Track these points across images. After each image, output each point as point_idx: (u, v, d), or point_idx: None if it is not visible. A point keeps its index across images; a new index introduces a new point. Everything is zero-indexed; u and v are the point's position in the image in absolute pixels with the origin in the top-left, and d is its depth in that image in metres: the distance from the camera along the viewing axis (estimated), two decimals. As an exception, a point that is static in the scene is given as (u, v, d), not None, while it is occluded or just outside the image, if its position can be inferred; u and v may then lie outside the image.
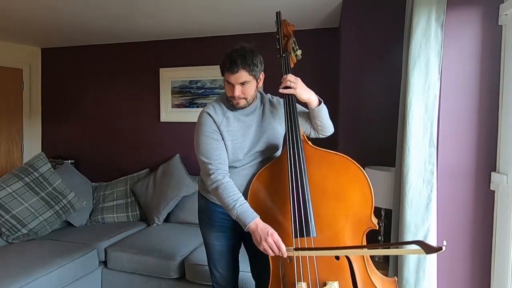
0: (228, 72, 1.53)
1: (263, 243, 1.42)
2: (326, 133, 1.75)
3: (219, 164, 1.58)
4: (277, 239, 1.42)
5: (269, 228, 1.44)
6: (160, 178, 3.31)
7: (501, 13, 1.67)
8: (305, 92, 1.54)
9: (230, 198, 1.50)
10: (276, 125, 1.71)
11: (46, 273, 2.33)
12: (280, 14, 1.69)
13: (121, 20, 2.97)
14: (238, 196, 1.52)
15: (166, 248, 2.64)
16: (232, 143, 1.63)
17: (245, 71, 1.53)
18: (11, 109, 3.84)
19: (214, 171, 1.56)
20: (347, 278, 1.44)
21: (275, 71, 1.65)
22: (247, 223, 1.46)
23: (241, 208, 1.48)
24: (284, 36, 1.65)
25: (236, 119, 1.65)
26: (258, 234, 1.43)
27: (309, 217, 1.43)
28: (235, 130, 1.64)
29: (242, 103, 1.60)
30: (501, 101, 1.70)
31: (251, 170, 1.68)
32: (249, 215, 1.47)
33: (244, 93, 1.56)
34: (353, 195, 1.45)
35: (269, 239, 1.41)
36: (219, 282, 1.85)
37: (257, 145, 1.67)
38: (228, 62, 1.52)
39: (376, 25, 2.36)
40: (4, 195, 2.74)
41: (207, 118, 1.63)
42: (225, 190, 1.52)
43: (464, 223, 1.77)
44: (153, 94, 3.66)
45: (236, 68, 1.51)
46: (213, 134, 1.61)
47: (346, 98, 2.47)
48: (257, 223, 1.46)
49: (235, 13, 2.77)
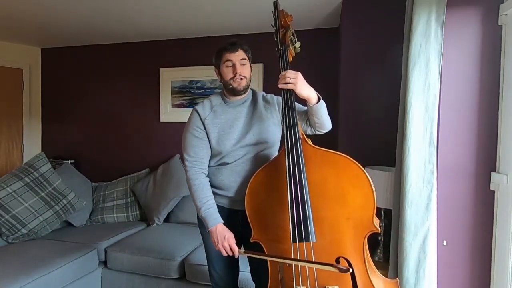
0: (228, 52, 1.66)
1: (219, 245, 1.61)
2: (323, 130, 1.72)
3: (195, 162, 1.68)
4: (232, 243, 1.61)
5: (227, 233, 1.62)
6: (160, 178, 3.31)
7: (501, 13, 1.67)
8: (306, 89, 1.50)
9: (199, 199, 1.65)
10: (267, 119, 1.70)
11: (46, 273, 2.33)
12: (277, 3, 1.61)
13: (121, 20, 2.97)
14: (207, 199, 1.65)
15: (166, 248, 2.64)
16: (218, 134, 1.68)
17: (243, 51, 1.68)
18: (11, 109, 3.84)
19: (189, 168, 1.68)
20: (348, 282, 1.40)
21: (275, 71, 1.65)
22: (209, 226, 1.63)
23: (207, 211, 1.63)
24: (282, 27, 1.59)
25: (225, 110, 1.72)
26: (215, 236, 1.62)
27: (308, 221, 1.39)
28: (222, 122, 1.69)
29: (243, 83, 1.67)
30: (501, 101, 1.70)
31: (245, 167, 1.68)
32: (213, 219, 1.63)
33: (244, 73, 1.66)
34: (354, 196, 1.40)
35: (225, 243, 1.60)
36: (217, 283, 1.85)
37: (246, 137, 1.67)
38: (228, 45, 1.67)
39: (376, 25, 2.36)
40: (4, 195, 2.74)
41: (194, 115, 1.73)
42: (197, 191, 1.66)
43: (464, 223, 1.77)
44: (153, 94, 3.66)
45: (236, 47, 1.66)
46: (195, 131, 1.70)
47: (346, 98, 2.47)
48: (217, 227, 1.62)
49: (235, 13, 2.77)
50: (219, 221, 1.64)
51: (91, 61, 3.89)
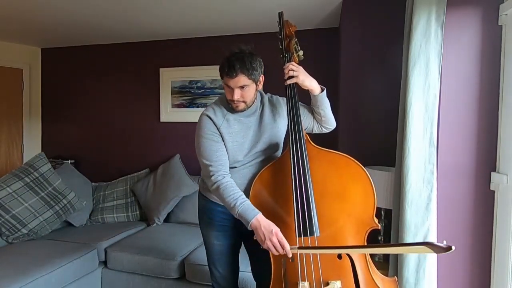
0: (227, 76, 1.53)
1: (267, 241, 1.39)
2: (329, 126, 1.75)
3: (220, 166, 1.58)
4: (281, 237, 1.40)
5: (273, 226, 1.42)
6: (160, 178, 3.31)
7: (501, 13, 1.67)
8: (308, 79, 1.58)
9: (230, 197, 1.50)
10: (275, 124, 1.71)
11: (46, 273, 2.33)
12: (282, 14, 1.70)
13: (121, 20, 2.97)
14: (239, 194, 1.51)
15: (166, 248, 2.64)
16: (233, 145, 1.64)
17: (244, 75, 1.52)
18: (11, 109, 3.84)
19: (215, 172, 1.57)
20: (350, 278, 1.44)
21: (275, 71, 1.65)
22: (249, 220, 1.43)
23: (242, 206, 1.47)
24: (287, 36, 1.67)
25: (236, 120, 1.66)
26: (261, 231, 1.41)
27: (312, 216, 1.44)
28: (235, 132, 1.65)
29: (241, 107, 1.60)
30: (501, 101, 1.70)
31: (251, 170, 1.69)
32: (251, 212, 1.45)
33: (243, 97, 1.56)
34: (354, 194, 1.47)
35: (274, 238, 1.39)
36: (218, 282, 1.85)
37: (257, 146, 1.68)
38: (226, 66, 1.52)
39: (376, 25, 2.36)
40: (4, 195, 2.74)
41: (207, 121, 1.63)
42: (226, 189, 1.52)
43: (464, 223, 1.77)
44: (153, 94, 3.66)
45: (234, 73, 1.50)
46: (213, 136, 1.62)
47: (346, 98, 2.47)
48: (259, 220, 1.43)
49: (235, 13, 2.77)
50: (258, 212, 1.46)
51: (91, 61, 3.89)
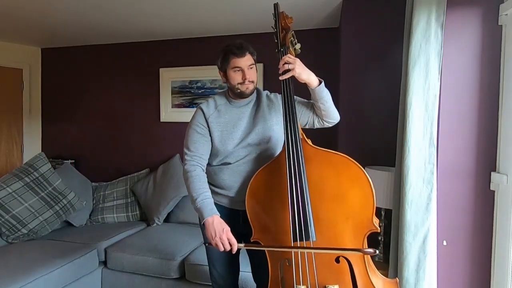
0: (237, 57, 1.60)
1: (216, 238, 1.48)
2: (331, 120, 1.68)
3: (195, 157, 1.66)
4: (231, 236, 1.50)
5: (225, 226, 1.52)
6: (160, 178, 3.31)
7: (501, 13, 1.67)
8: (304, 72, 1.52)
9: (196, 190, 1.58)
10: (270, 117, 1.70)
11: (46, 273, 2.33)
12: (278, 6, 1.63)
13: (121, 20, 2.97)
14: (204, 190, 1.59)
15: (166, 248, 2.64)
16: (221, 133, 1.68)
17: (250, 55, 1.64)
18: (11, 109, 3.84)
19: (188, 161, 1.65)
20: (348, 282, 1.41)
21: (275, 71, 1.64)
22: (205, 217, 1.52)
23: (203, 202, 1.55)
24: (282, 29, 1.60)
25: (229, 110, 1.71)
26: (213, 228, 1.49)
27: (308, 221, 1.40)
28: (225, 121, 1.69)
29: (251, 87, 1.65)
30: (501, 101, 1.70)
31: (246, 167, 1.68)
32: (209, 210, 1.54)
33: (252, 77, 1.64)
34: (353, 196, 1.41)
35: (224, 236, 1.49)
36: (218, 282, 1.85)
37: (249, 137, 1.67)
38: (235, 48, 1.60)
39: (376, 25, 2.36)
40: (4, 195, 2.74)
41: (198, 112, 1.72)
42: (194, 181, 1.59)
43: (464, 223, 1.77)
44: (153, 94, 3.66)
45: (244, 51, 1.61)
46: (197, 128, 1.69)
47: (346, 98, 2.47)
48: (214, 218, 1.52)
49: (235, 13, 2.77)
50: (215, 213, 1.54)
51: (91, 61, 3.89)
